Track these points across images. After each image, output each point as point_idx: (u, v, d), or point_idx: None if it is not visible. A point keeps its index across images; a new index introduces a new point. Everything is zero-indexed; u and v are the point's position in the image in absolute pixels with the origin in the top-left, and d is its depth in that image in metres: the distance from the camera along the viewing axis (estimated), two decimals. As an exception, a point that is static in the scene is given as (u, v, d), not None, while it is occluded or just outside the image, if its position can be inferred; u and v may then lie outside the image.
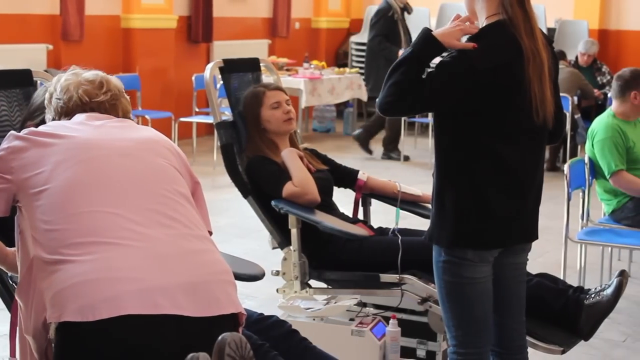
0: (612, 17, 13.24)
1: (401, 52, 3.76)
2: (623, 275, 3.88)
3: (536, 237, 3.45)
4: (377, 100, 3.25)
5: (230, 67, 4.68)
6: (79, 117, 2.88)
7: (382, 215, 5.08)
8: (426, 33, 3.21)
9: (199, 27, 11.88)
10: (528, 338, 3.66)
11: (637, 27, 13.18)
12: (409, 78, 3.15)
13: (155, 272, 2.54)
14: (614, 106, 5.87)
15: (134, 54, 10.99)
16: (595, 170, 5.81)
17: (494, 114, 3.19)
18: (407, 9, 10.98)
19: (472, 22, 3.28)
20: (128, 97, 3.08)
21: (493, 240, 3.30)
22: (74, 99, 2.93)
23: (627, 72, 5.92)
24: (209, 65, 4.61)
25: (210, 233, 2.85)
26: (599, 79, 11.43)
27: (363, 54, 13.96)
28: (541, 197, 3.42)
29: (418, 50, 3.19)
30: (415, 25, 13.84)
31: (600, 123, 5.82)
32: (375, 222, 4.66)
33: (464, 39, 3.22)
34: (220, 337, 2.44)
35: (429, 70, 3.18)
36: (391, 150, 11.07)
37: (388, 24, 10.73)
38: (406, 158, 10.99)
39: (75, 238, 2.56)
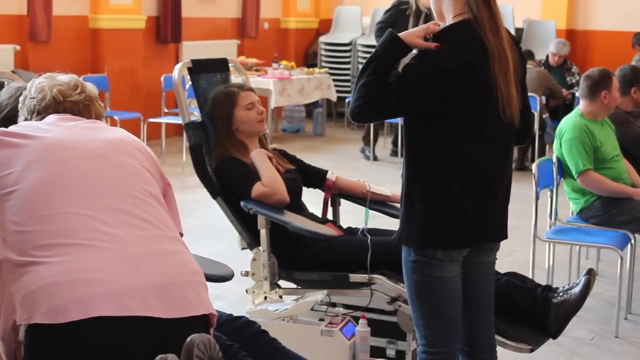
0: (579, 17, 13.33)
1: None
2: (591, 273, 3.90)
3: (505, 237, 3.46)
4: (348, 108, 3.26)
5: (198, 68, 4.67)
6: (51, 118, 2.88)
7: (352, 215, 5.09)
8: (390, 34, 3.22)
9: (167, 27, 11.84)
10: (497, 337, 3.68)
11: (604, 27, 13.27)
12: (375, 80, 3.16)
13: (125, 274, 2.54)
14: (581, 106, 5.90)
15: (102, 55, 10.94)
16: (563, 170, 5.84)
17: (461, 113, 3.20)
18: (430, 14, 10.67)
19: (437, 25, 3.30)
20: (102, 104, 3.08)
21: (462, 240, 3.31)
22: (47, 97, 2.93)
23: (596, 72, 5.95)
24: (177, 66, 4.59)
25: (181, 234, 2.85)
26: (568, 79, 11.50)
27: (332, 54, 14.00)
28: (510, 196, 3.44)
29: (382, 50, 3.20)
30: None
31: (568, 123, 5.85)
32: (345, 222, 4.67)
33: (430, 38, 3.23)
34: (188, 339, 2.44)
35: (395, 73, 3.19)
36: (367, 143, 11.05)
37: (397, 15, 10.57)
38: (375, 158, 11.01)
39: (46, 240, 2.55)
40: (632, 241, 5.62)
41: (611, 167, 5.80)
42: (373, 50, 3.24)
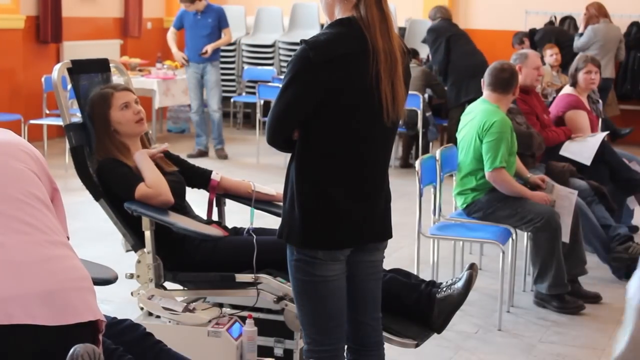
0: (460, 16, 13.54)
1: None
2: (473, 268, 3.97)
3: (389, 236, 3.47)
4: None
5: (78, 68, 4.59)
6: None
7: (237, 215, 5.07)
8: None
9: (47, 27, 11.63)
10: (383, 333, 3.70)
11: (485, 27, 13.51)
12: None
13: (8, 281, 2.48)
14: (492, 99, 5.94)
15: (-21, 55, 10.70)
16: (459, 163, 5.88)
17: (337, 112, 3.20)
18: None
19: None
20: None
21: (342, 241, 3.32)
22: None
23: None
24: (57, 66, 4.51)
25: (68, 238, 2.80)
26: (450, 77, 11.65)
27: (254, 55, 13.77)
28: (391, 196, 3.46)
29: None
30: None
31: (495, 115, 5.80)
32: (230, 222, 4.65)
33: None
34: (72, 349, 2.40)
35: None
36: None
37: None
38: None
39: None
40: (514, 236, 5.74)
41: (511, 164, 5.88)
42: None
